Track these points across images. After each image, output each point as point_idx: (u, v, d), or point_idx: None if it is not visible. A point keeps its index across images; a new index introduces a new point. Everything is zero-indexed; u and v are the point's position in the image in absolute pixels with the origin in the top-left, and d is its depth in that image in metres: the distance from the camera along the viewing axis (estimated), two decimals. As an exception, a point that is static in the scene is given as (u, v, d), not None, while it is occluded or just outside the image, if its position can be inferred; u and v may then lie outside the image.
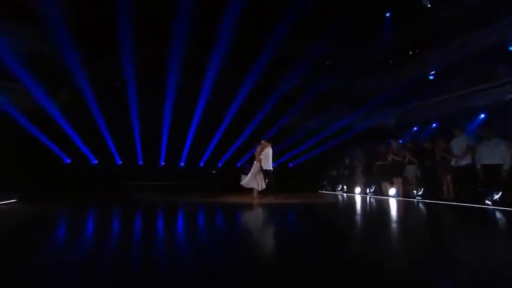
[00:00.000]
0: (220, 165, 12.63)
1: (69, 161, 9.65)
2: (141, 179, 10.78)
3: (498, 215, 4.91)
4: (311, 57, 11.28)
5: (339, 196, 9.57)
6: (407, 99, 12.60)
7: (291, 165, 13.65)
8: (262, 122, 11.74)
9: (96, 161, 10.37)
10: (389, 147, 8.54)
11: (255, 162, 7.92)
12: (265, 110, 11.73)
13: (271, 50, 10.58)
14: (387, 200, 7.75)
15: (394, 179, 8.13)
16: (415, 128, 13.99)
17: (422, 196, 7.15)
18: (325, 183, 11.46)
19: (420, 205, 6.45)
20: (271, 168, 7.81)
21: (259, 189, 7.81)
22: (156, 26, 8.82)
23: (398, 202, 7.16)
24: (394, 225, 4.22)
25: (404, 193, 7.91)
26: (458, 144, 6.45)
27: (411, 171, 7.67)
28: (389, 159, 8.22)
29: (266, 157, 7.78)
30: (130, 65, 9.30)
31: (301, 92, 12.12)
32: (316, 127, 12.61)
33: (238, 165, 12.78)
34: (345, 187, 10.46)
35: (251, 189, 7.76)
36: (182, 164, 12.02)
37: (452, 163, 6.46)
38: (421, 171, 7.41)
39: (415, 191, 7.30)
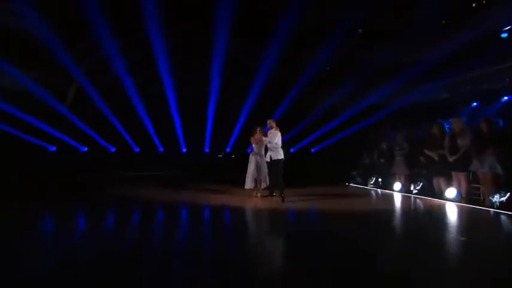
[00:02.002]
0: (228, 150, 10.93)
1: (54, 148, 8.60)
2: (138, 168, 9.50)
3: None
4: (340, 25, 8.80)
5: (373, 194, 7.38)
6: (466, 66, 9.68)
7: (313, 150, 11.54)
8: (277, 99, 9.66)
9: (85, 148, 9.22)
10: (449, 127, 6.12)
11: (251, 155, 6.06)
12: (281, 84, 9.58)
13: (292, 16, 8.28)
14: (444, 205, 5.45)
15: (454, 174, 5.74)
16: (475, 104, 10.95)
17: (505, 204, 4.74)
18: (354, 173, 9.22)
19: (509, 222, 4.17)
20: (283, 158, 5.93)
21: (263, 186, 6.07)
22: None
23: (467, 213, 4.87)
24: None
25: (468, 195, 5.54)
26: None
27: (484, 164, 5.21)
28: (446, 146, 5.80)
29: (276, 143, 5.90)
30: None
31: (327, 61, 9.72)
32: (345, 103, 10.29)
33: (249, 150, 11.05)
34: (379, 180, 8.18)
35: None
36: (184, 150, 10.52)
37: None
38: (503, 167, 4.94)
39: (494, 197, 4.89)
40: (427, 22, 9.90)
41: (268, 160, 5.98)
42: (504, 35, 9.25)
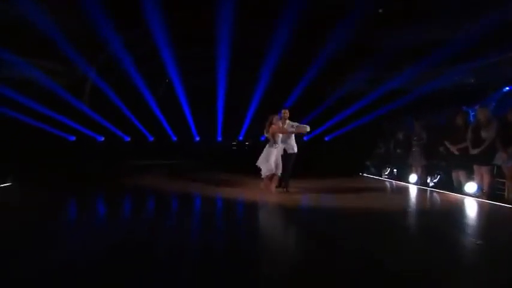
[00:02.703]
0: (241, 138, 10.90)
1: (73, 138, 8.97)
2: (152, 156, 9.73)
3: None
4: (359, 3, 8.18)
5: (387, 186, 7.14)
6: (497, 47, 8.84)
7: (327, 138, 11.28)
8: (290, 85, 9.37)
9: (102, 138, 9.53)
10: (473, 116, 5.71)
11: (268, 146, 5.60)
12: (294, 69, 9.23)
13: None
14: (463, 201, 5.17)
15: (476, 168, 5.40)
16: (508, 88, 10.10)
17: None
18: (368, 163, 8.95)
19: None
20: (296, 151, 5.76)
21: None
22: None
23: (487, 210, 4.61)
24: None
25: (490, 191, 5.20)
26: None
27: (510, 158, 4.85)
28: (468, 138, 5.42)
29: (289, 135, 5.71)
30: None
31: (344, 44, 9.21)
32: (362, 89, 9.86)
33: (263, 138, 10.95)
34: (394, 171, 7.89)
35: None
36: (197, 139, 10.61)
37: None
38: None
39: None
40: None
41: (282, 153, 5.65)
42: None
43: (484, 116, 5.36)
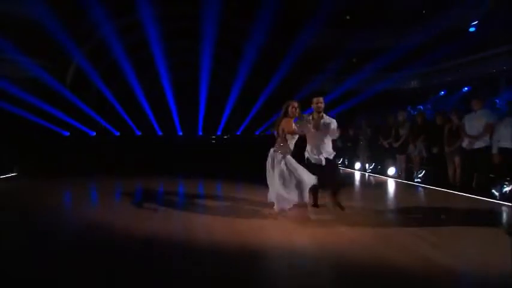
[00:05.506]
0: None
1: (67, 133, 9.77)
2: (138, 150, 10.52)
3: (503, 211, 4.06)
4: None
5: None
6: (437, 57, 10.76)
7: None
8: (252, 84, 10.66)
9: (94, 133, 10.38)
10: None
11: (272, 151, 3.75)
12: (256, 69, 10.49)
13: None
14: (384, 180, 6.96)
15: (398, 157, 7.18)
16: (442, 92, 12.20)
17: (423, 179, 6.27)
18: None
19: (414, 191, 5.71)
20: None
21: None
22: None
23: (391, 185, 6.39)
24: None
25: (405, 173, 7.00)
26: (474, 122, 5.25)
27: (416, 148, 6.65)
28: (392, 135, 7.16)
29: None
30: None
31: (302, 47, 10.65)
32: (319, 90, 11.46)
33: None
34: (346, 161, 9.66)
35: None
36: (180, 133, 11.75)
37: (464, 144, 5.36)
38: (427, 151, 6.39)
39: (417, 174, 6.40)
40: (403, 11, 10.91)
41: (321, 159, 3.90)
42: (472, 29, 10.33)
43: (402, 117, 7.12)
